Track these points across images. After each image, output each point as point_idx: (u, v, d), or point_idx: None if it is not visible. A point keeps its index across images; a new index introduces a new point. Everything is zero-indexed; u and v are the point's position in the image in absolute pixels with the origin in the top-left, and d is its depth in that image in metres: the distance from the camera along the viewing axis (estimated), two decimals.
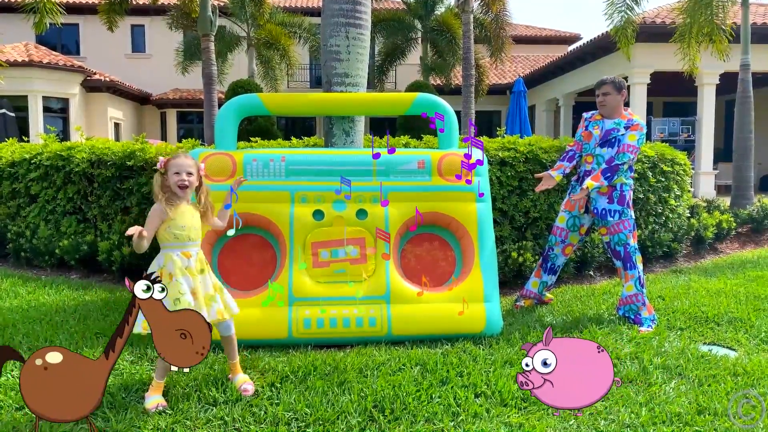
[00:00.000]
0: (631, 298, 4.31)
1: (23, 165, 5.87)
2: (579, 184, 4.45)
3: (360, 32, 4.59)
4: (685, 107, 18.78)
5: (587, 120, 4.48)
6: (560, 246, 4.56)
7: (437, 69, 20.01)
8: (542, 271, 4.65)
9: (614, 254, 4.39)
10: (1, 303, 4.60)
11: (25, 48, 18.73)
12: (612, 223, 4.31)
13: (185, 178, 2.96)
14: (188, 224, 2.96)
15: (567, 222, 4.50)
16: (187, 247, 2.96)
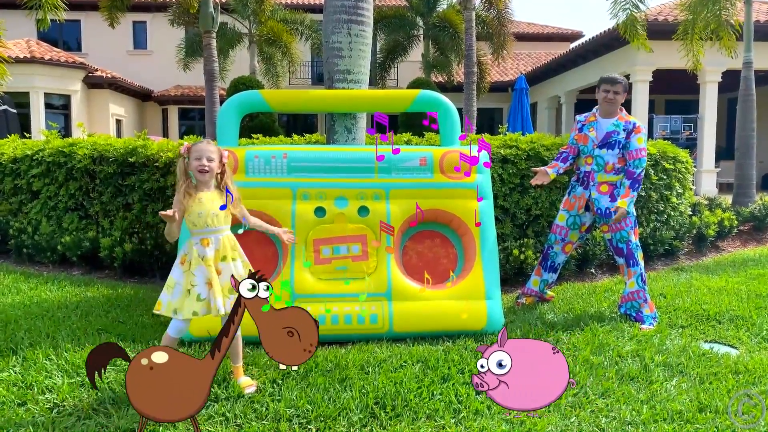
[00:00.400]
0: (633, 295, 4.31)
1: (25, 161, 5.88)
2: (579, 184, 4.45)
3: (362, 29, 4.59)
4: (687, 105, 18.75)
5: (581, 123, 4.48)
6: (560, 244, 4.55)
7: (439, 66, 19.99)
8: (542, 269, 4.64)
9: (616, 251, 4.39)
10: (3, 299, 4.61)
11: (26, 44, 18.74)
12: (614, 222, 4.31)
13: (206, 164, 2.98)
14: (206, 210, 2.96)
15: (567, 221, 4.49)
16: (206, 234, 2.97)
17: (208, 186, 3.05)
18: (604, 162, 4.30)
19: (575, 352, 3.59)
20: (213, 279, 2.91)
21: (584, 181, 4.41)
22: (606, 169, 4.31)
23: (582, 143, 4.41)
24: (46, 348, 3.50)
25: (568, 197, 4.53)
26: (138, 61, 23.76)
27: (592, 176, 4.36)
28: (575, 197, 4.47)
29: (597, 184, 4.34)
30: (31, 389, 3.00)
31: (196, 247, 2.95)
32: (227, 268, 2.98)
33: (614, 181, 4.32)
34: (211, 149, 3.02)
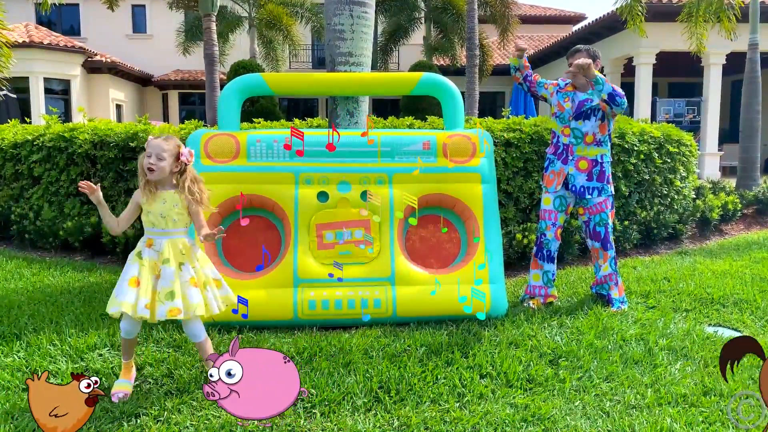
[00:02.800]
0: (606, 278, 4.28)
1: (26, 146, 5.85)
2: (558, 158, 4.22)
3: (364, 10, 4.53)
4: (690, 88, 18.63)
5: (560, 89, 4.24)
6: (552, 230, 4.27)
7: (441, 49, 19.83)
8: (540, 260, 4.32)
9: (593, 235, 4.26)
10: (6, 285, 4.61)
11: (25, 29, 18.62)
12: (592, 202, 4.19)
13: (153, 162, 2.78)
14: (154, 210, 2.82)
15: (554, 203, 4.24)
16: (152, 234, 2.84)
17: (165, 185, 2.87)
18: (582, 134, 4.12)
19: (579, 336, 3.58)
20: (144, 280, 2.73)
21: (563, 154, 4.20)
22: (585, 141, 4.12)
23: (558, 110, 4.21)
24: (50, 333, 3.50)
25: (546, 173, 4.29)
26: (137, 46, 23.60)
27: (571, 150, 4.16)
28: (554, 173, 4.22)
29: (576, 159, 4.15)
30: (35, 374, 3.00)
31: (141, 246, 2.85)
32: (168, 272, 2.77)
33: (594, 156, 4.14)
34: (165, 147, 2.81)
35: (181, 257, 2.85)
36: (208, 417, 2.62)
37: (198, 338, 2.90)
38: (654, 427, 2.56)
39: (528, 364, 3.18)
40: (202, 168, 3.95)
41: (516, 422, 2.61)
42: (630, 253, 6.05)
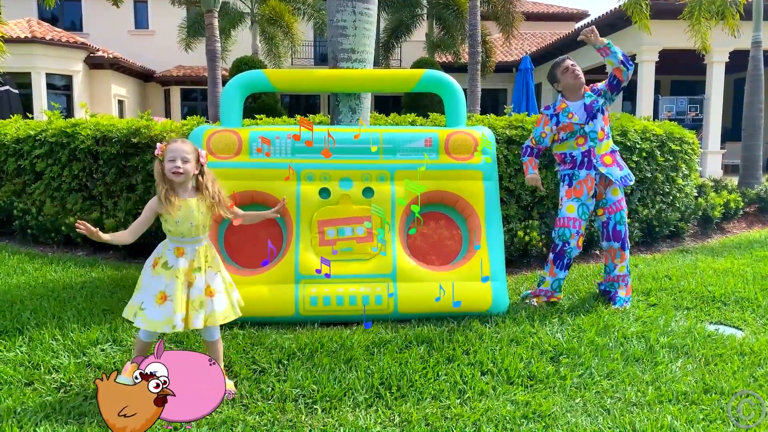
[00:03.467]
0: (619, 278, 4.28)
1: (28, 142, 5.85)
2: (579, 167, 4.15)
3: (367, 7, 4.52)
4: (692, 86, 18.58)
5: (552, 114, 4.23)
6: (576, 238, 4.15)
7: (443, 46, 19.80)
8: (557, 268, 4.23)
9: (614, 234, 4.23)
10: (9, 280, 4.62)
11: (27, 24, 18.61)
12: (611, 201, 4.21)
13: (180, 165, 2.73)
14: (183, 218, 2.75)
15: (578, 210, 4.14)
16: (182, 243, 2.78)
17: (186, 189, 2.82)
18: (596, 133, 4.12)
19: (580, 333, 3.59)
20: (177, 292, 2.69)
21: (584, 162, 4.16)
22: (599, 138, 4.14)
23: (567, 131, 4.17)
24: (52, 328, 3.51)
25: (570, 187, 4.17)
26: (140, 41, 23.59)
27: (593, 153, 4.14)
28: (581, 182, 4.16)
29: (599, 158, 4.13)
30: (37, 369, 3.02)
31: (168, 254, 2.77)
32: (201, 279, 2.77)
33: (610, 148, 4.18)
34: (187, 149, 2.77)
35: (206, 263, 2.83)
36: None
37: (213, 337, 2.89)
38: (654, 424, 2.56)
39: (529, 361, 3.18)
40: None
41: (517, 419, 2.62)
42: (631, 250, 6.04)
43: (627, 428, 2.55)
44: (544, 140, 4.29)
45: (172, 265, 2.74)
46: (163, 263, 2.75)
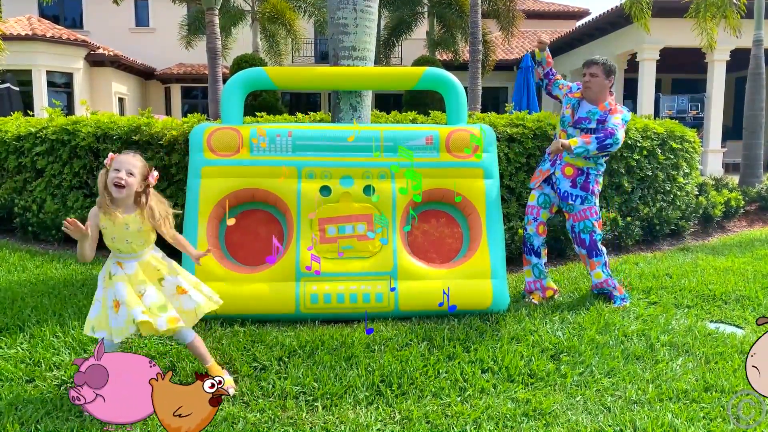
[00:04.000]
0: (602, 284, 4.26)
1: (29, 139, 5.85)
2: (549, 159, 4.21)
3: (368, 4, 4.51)
4: (694, 84, 18.55)
5: (568, 94, 4.24)
6: (533, 224, 4.27)
7: (444, 44, 19.76)
8: (526, 255, 4.36)
9: (579, 242, 4.24)
10: (10, 277, 4.62)
11: (27, 21, 18.59)
12: (577, 209, 4.18)
13: (123, 177, 2.64)
14: (118, 236, 2.70)
15: (538, 199, 4.27)
16: (120, 258, 2.74)
17: (126, 205, 2.73)
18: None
19: (581, 331, 3.59)
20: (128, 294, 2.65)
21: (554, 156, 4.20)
22: None
23: (562, 114, 4.26)
24: (53, 325, 3.52)
25: (537, 168, 4.37)
26: (140, 39, 23.57)
27: (561, 155, 4.14)
28: (540, 171, 4.28)
29: (563, 164, 4.14)
30: (38, 366, 3.02)
31: (112, 266, 2.74)
32: (150, 290, 2.71)
33: (582, 166, 4.11)
34: (135, 163, 2.69)
35: (158, 273, 2.78)
36: None
37: (187, 339, 2.84)
38: (655, 422, 2.57)
39: (529, 359, 3.18)
40: (205, 162, 3.96)
41: (517, 417, 2.62)
42: (632, 249, 6.05)
43: (627, 426, 2.55)
44: (555, 84, 4.36)
45: (115, 273, 2.71)
46: (110, 274, 2.73)
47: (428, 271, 3.93)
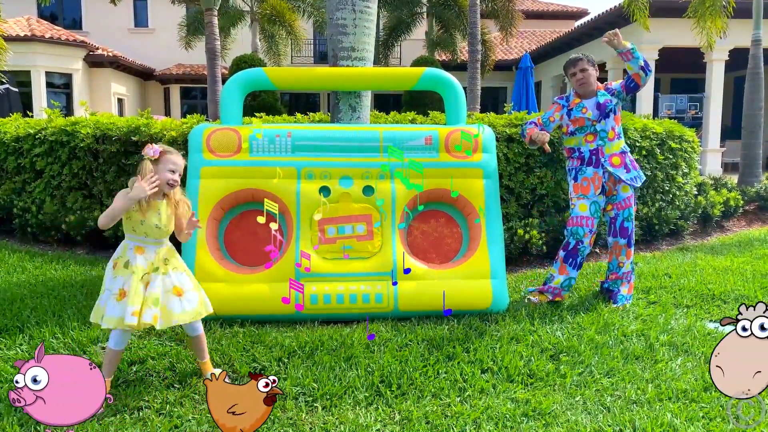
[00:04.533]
0: (625, 276, 4.27)
1: (28, 140, 5.85)
2: (587, 164, 4.17)
3: (367, 5, 4.52)
4: (692, 84, 18.57)
5: (566, 107, 4.25)
6: (589, 237, 4.14)
7: (442, 44, 19.78)
8: (570, 267, 4.20)
9: (621, 231, 4.24)
10: (9, 278, 4.62)
11: (27, 22, 18.59)
12: (621, 197, 4.21)
13: (177, 179, 2.82)
14: (149, 221, 2.77)
15: (590, 209, 4.13)
16: (143, 243, 2.79)
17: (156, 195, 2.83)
18: (607, 132, 4.15)
19: (580, 331, 3.59)
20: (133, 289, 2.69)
21: (592, 160, 4.18)
22: (609, 137, 4.16)
23: (577, 125, 4.19)
24: (53, 326, 3.51)
25: (577, 182, 4.20)
26: (139, 40, 23.57)
27: (601, 151, 4.15)
28: (587, 179, 4.17)
29: (608, 158, 4.14)
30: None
31: (129, 254, 2.77)
32: (157, 279, 2.77)
33: (621, 148, 4.18)
34: (182, 163, 2.88)
35: (167, 266, 2.84)
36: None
37: (196, 331, 2.90)
38: (654, 422, 2.57)
39: (529, 359, 3.18)
40: (204, 162, 3.96)
41: (517, 417, 2.62)
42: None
43: (627, 426, 2.56)
44: (550, 125, 4.30)
45: (132, 263, 2.74)
46: (125, 263, 2.75)
47: (428, 271, 3.93)
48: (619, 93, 4.20)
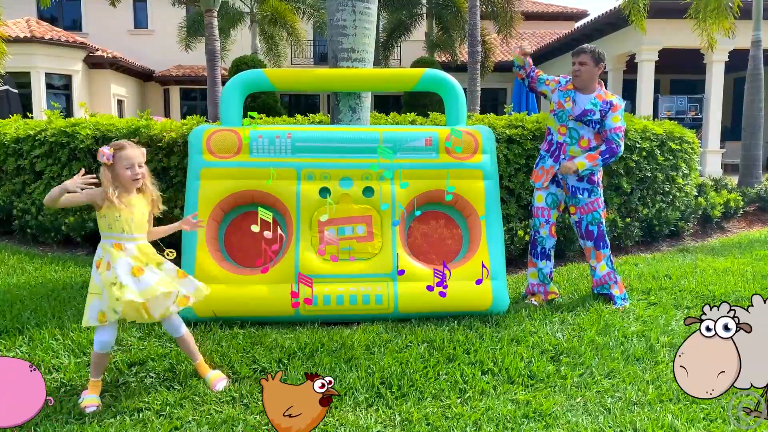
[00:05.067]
0: (605, 278, 4.26)
1: (28, 141, 5.85)
2: (550, 155, 4.21)
3: (367, 6, 4.52)
4: (692, 85, 18.58)
5: (561, 85, 4.21)
6: (546, 227, 4.25)
7: (442, 45, 19.78)
8: (534, 258, 4.32)
9: (586, 234, 4.25)
10: (9, 279, 4.61)
11: (26, 23, 18.59)
12: (583, 202, 4.20)
13: (138, 171, 2.75)
14: (124, 216, 2.74)
15: (546, 200, 4.24)
16: (120, 240, 2.75)
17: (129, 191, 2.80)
18: (579, 136, 4.11)
19: (581, 333, 3.59)
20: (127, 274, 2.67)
21: (555, 152, 4.19)
22: (580, 144, 4.12)
23: (558, 108, 4.18)
24: (53, 328, 3.51)
25: (536, 169, 4.30)
26: (139, 41, 23.56)
27: (564, 149, 4.15)
28: (543, 169, 4.23)
29: (567, 158, 4.14)
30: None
31: (107, 255, 2.73)
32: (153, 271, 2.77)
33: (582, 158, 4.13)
34: (138, 153, 2.78)
35: (156, 257, 2.84)
36: (210, 412, 2.63)
37: (178, 332, 2.89)
38: (655, 423, 2.56)
39: (529, 361, 3.18)
40: (204, 163, 3.96)
41: (517, 418, 2.61)
42: (631, 250, 6.05)
43: (628, 427, 2.55)
44: (540, 80, 4.26)
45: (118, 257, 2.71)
46: (107, 264, 2.71)
47: (428, 272, 3.92)
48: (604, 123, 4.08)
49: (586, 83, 4.14)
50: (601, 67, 4.16)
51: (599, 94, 4.14)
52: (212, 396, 2.77)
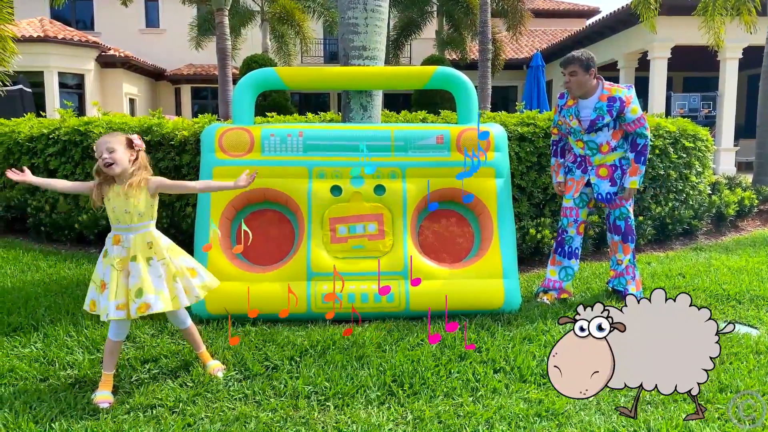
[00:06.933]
0: (626, 271, 4.25)
1: (41, 140, 5.90)
2: (577, 167, 4.19)
3: (378, 4, 4.51)
4: (706, 82, 18.42)
5: (560, 106, 4.22)
6: (574, 226, 4.26)
7: (453, 43, 19.74)
8: (560, 256, 4.30)
9: (614, 228, 4.25)
10: (23, 276, 4.66)
11: (39, 23, 18.76)
12: (614, 199, 4.18)
13: (107, 156, 2.74)
14: (119, 206, 2.77)
15: (574, 200, 4.24)
16: (118, 231, 2.79)
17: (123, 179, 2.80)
18: (597, 145, 4.10)
19: None
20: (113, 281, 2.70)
21: (581, 164, 4.19)
22: (601, 150, 4.10)
23: (567, 127, 4.18)
24: (67, 325, 3.54)
25: (565, 180, 4.30)
26: (150, 40, 23.71)
27: (588, 160, 4.15)
28: (573, 181, 4.22)
29: (595, 168, 4.13)
30: (52, 365, 3.04)
31: (107, 243, 2.79)
32: (136, 269, 2.73)
33: (613, 161, 4.11)
34: (108, 140, 2.77)
35: (149, 252, 2.80)
36: (222, 409, 2.64)
37: (184, 324, 2.97)
38: (669, 423, 2.54)
39: (542, 359, 3.17)
40: (216, 162, 3.97)
41: (530, 417, 2.60)
42: (645, 248, 6.01)
43: (641, 427, 2.54)
44: (563, 128, 4.27)
45: (109, 253, 2.79)
46: (104, 251, 2.82)
47: (439, 270, 3.91)
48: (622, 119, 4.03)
49: (582, 90, 4.08)
50: (593, 72, 4.05)
51: (602, 94, 4.05)
52: (225, 393, 2.78)
